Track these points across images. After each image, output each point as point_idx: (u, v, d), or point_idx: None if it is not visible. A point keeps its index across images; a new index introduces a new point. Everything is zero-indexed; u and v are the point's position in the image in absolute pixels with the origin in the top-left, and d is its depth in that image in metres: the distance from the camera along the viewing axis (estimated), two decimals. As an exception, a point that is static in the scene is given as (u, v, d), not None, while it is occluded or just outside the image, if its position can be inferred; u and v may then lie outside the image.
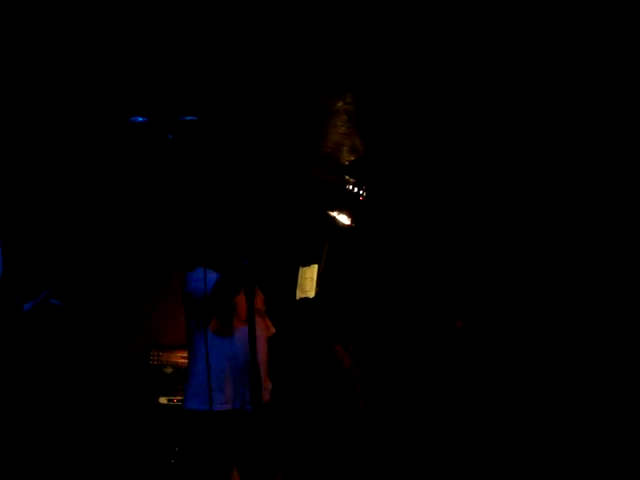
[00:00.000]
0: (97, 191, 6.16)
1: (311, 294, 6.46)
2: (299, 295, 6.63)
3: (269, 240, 5.31)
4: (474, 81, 4.99)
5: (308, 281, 6.56)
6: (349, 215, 6.35)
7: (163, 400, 6.15)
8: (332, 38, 4.45)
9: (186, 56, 4.60)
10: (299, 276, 6.65)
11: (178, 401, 5.99)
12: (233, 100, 5.21)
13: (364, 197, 6.32)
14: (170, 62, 4.67)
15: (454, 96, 5.30)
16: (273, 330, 4.26)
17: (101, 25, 4.28)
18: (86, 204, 6.14)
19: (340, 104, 5.25)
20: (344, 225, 6.40)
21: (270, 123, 5.59)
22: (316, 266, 6.59)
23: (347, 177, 6.21)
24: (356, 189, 6.25)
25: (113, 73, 4.76)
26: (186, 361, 4.70)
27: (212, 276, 3.72)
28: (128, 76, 4.80)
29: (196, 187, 5.71)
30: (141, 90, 4.93)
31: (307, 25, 4.28)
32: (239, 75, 4.88)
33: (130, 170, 6.10)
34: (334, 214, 6.30)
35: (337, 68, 4.77)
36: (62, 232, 5.98)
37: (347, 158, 6.19)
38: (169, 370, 6.22)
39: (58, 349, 5.82)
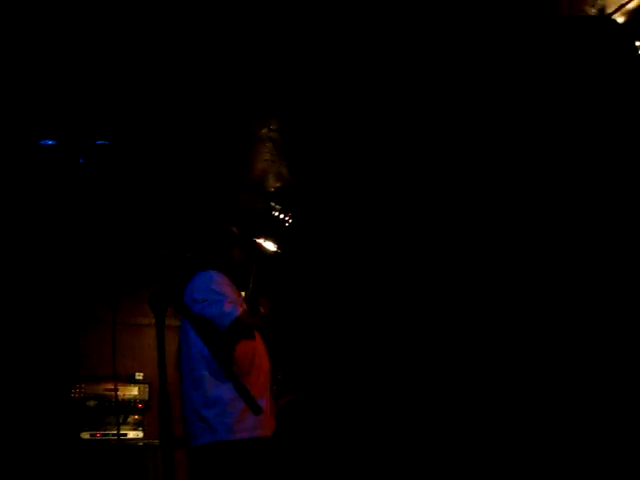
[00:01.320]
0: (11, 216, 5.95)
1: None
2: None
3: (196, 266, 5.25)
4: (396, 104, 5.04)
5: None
6: (275, 242, 6.34)
7: (85, 435, 5.97)
8: (256, 65, 4.47)
9: (103, 76, 4.49)
10: None
11: (103, 435, 5.83)
12: (155, 125, 5.14)
13: (290, 223, 6.32)
14: (84, 82, 4.55)
15: (379, 122, 5.35)
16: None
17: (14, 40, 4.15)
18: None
19: (264, 131, 5.27)
20: (270, 252, 6.38)
21: (194, 150, 5.55)
22: (242, 293, 6.52)
23: (273, 204, 6.20)
24: (282, 215, 6.25)
25: (24, 92, 4.61)
26: (112, 393, 4.57)
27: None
28: (39, 96, 4.65)
29: (112, 214, 5.61)
30: (52, 112, 4.79)
31: (231, 52, 4.28)
32: (162, 100, 4.82)
33: (41, 196, 5.86)
34: (260, 241, 6.28)
35: (261, 95, 4.80)
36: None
37: (273, 185, 6.19)
38: (92, 403, 6.06)
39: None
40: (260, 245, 6.30)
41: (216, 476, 3.36)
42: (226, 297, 3.47)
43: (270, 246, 6.31)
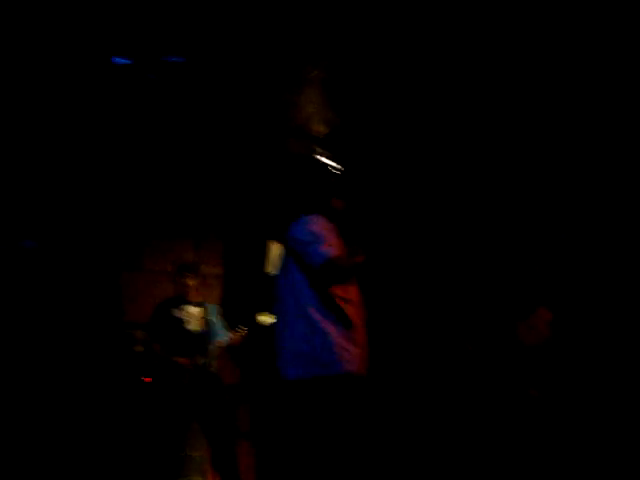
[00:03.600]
0: (77, 138, 6.04)
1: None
2: (269, 270, 6.07)
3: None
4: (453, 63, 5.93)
5: (279, 257, 6.08)
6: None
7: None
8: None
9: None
10: (268, 251, 6.08)
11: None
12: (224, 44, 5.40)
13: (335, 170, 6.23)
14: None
15: (433, 75, 6.19)
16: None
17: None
18: (66, 152, 6.07)
19: (315, 73, 5.58)
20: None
21: (246, 89, 6.28)
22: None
23: (320, 150, 6.33)
24: (328, 162, 6.26)
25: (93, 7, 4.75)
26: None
27: None
28: (110, 12, 4.84)
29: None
30: (127, 26, 5.01)
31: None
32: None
33: (111, 117, 5.95)
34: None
35: (315, 37, 5.16)
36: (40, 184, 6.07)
37: (320, 130, 6.47)
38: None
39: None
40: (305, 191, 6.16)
41: (313, 412, 3.39)
42: (325, 239, 3.53)
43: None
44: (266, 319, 5.90)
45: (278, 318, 3.66)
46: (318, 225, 3.65)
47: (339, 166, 5.48)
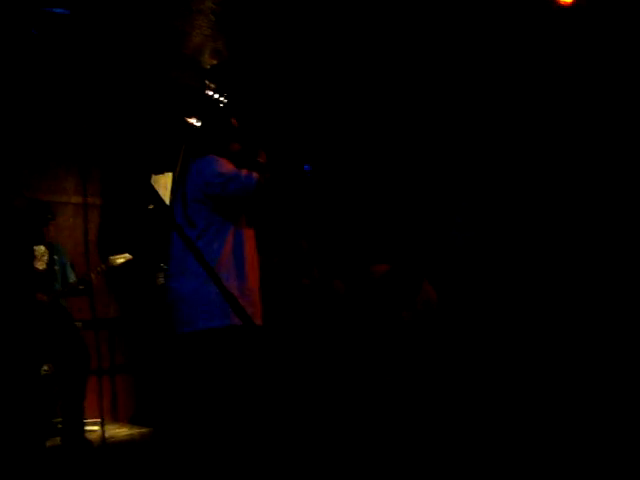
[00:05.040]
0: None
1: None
2: (152, 204, 5.93)
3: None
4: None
5: (162, 189, 5.92)
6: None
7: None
8: None
9: None
10: (152, 183, 5.99)
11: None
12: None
13: (224, 104, 6.09)
14: None
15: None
16: None
17: None
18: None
19: (208, 4, 5.30)
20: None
21: (133, 19, 6.18)
22: (171, 174, 5.99)
23: (207, 82, 6.17)
24: (216, 95, 6.11)
25: None
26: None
27: None
28: None
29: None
30: None
31: None
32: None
33: None
34: (192, 121, 6.01)
35: None
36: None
37: (209, 62, 6.29)
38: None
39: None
40: (192, 124, 6.01)
41: (207, 363, 3.49)
42: (238, 171, 3.59)
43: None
44: (118, 260, 5.82)
45: (175, 269, 3.62)
46: (227, 164, 3.64)
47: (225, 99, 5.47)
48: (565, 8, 4.73)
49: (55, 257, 5.68)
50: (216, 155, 3.70)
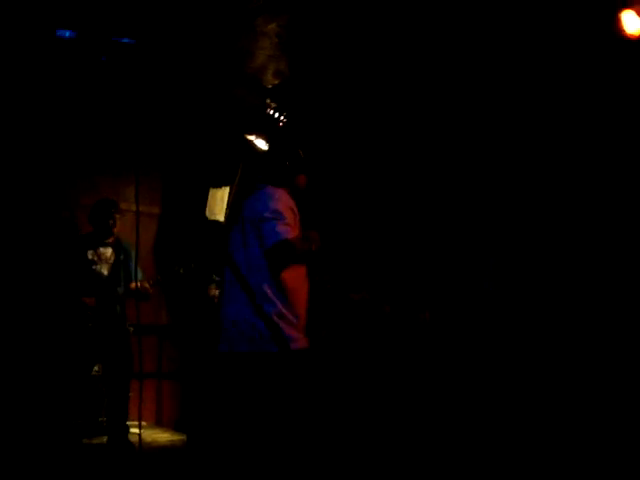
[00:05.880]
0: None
1: (220, 217, 5.99)
2: (209, 217, 6.08)
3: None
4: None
5: (218, 203, 6.08)
6: (267, 140, 6.15)
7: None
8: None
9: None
10: (209, 197, 6.13)
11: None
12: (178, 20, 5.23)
13: (284, 123, 6.24)
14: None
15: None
16: None
17: None
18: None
19: (273, 26, 5.39)
20: (261, 150, 6.14)
21: (199, 39, 6.29)
22: (227, 188, 6.15)
23: (268, 101, 6.33)
24: (277, 114, 6.27)
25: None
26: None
27: None
28: None
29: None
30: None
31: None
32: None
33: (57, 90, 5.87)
34: (251, 138, 6.19)
35: None
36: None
37: (271, 81, 6.46)
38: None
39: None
40: (251, 142, 6.18)
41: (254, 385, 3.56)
42: (284, 217, 3.57)
43: (261, 144, 6.12)
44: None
45: (228, 289, 3.72)
46: (281, 202, 3.65)
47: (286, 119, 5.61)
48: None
49: (121, 258, 5.75)
50: (280, 186, 3.76)
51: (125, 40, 4.85)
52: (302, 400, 3.60)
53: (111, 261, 5.74)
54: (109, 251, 5.77)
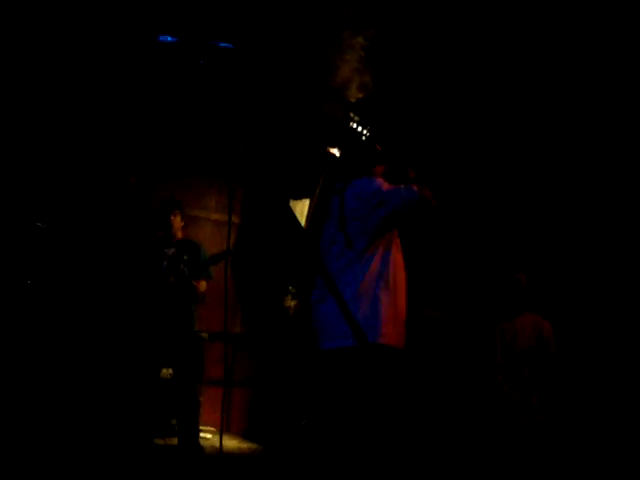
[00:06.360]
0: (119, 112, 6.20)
1: (301, 229, 6.07)
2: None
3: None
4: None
5: (298, 215, 6.14)
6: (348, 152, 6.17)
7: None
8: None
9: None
10: (294, 209, 6.20)
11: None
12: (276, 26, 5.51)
13: (367, 137, 6.26)
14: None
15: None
16: None
17: None
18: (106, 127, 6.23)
19: (359, 39, 5.42)
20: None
21: (285, 51, 6.37)
22: (307, 201, 6.20)
23: (352, 114, 6.34)
24: (360, 128, 6.28)
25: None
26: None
27: None
28: None
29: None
30: (175, 7, 4.99)
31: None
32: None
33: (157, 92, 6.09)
34: (333, 151, 6.20)
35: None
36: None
37: (355, 95, 6.49)
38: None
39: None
40: (333, 155, 6.20)
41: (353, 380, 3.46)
42: (396, 186, 3.67)
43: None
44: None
45: (323, 290, 3.61)
46: (383, 182, 3.72)
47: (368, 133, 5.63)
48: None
49: (185, 257, 5.80)
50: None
51: (223, 45, 4.83)
52: (385, 397, 3.51)
53: (175, 260, 5.79)
54: (172, 250, 5.85)
